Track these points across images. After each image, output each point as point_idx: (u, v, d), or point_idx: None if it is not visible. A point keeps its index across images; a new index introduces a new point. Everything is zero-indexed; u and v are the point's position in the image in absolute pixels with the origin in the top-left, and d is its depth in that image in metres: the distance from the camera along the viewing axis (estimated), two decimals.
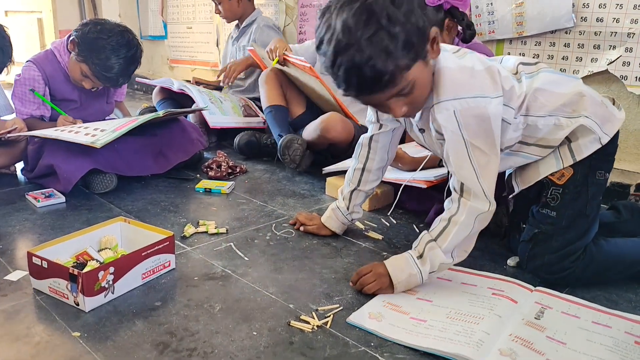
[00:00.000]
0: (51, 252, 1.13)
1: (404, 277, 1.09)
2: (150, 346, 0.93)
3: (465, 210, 1.05)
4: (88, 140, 1.58)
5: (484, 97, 1.03)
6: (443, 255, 1.07)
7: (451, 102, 1.01)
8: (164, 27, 3.84)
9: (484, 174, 1.04)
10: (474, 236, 1.10)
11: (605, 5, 1.73)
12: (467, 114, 1.01)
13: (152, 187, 1.79)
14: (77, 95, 1.97)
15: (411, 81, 0.96)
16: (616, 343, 0.94)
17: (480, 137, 1.03)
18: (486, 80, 1.05)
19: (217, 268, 1.23)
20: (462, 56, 1.07)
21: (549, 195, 1.16)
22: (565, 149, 1.14)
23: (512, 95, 1.10)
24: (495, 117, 1.04)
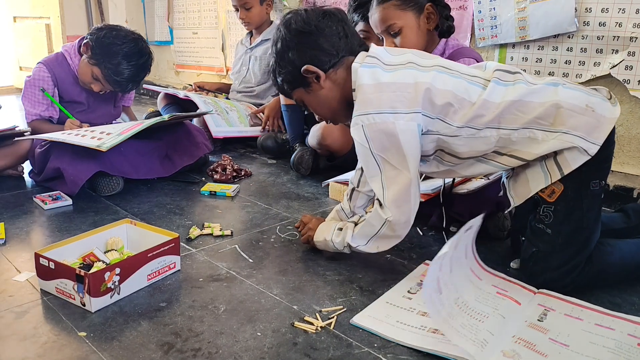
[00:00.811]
0: (58, 253, 1.14)
1: (321, 238, 1.27)
2: (156, 346, 0.94)
3: (373, 212, 1.16)
4: (94, 144, 1.60)
5: (393, 113, 1.07)
6: (350, 237, 1.21)
7: (359, 117, 1.10)
8: (170, 33, 3.87)
9: (390, 186, 1.11)
10: (387, 239, 1.17)
11: (608, 10, 1.74)
12: (374, 129, 1.08)
13: (157, 190, 1.81)
14: (84, 97, 1.99)
15: (298, 100, 1.25)
16: (619, 345, 0.94)
17: (389, 151, 1.09)
18: (401, 95, 1.08)
19: (222, 270, 1.24)
20: (391, 70, 1.11)
21: (542, 212, 1.13)
22: (552, 163, 1.09)
23: (460, 108, 1.09)
24: (405, 132, 1.07)
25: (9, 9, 4.24)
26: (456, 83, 1.11)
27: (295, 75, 1.19)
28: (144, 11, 4.04)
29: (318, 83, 1.19)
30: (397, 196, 1.11)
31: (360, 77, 1.11)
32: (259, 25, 2.59)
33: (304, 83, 1.20)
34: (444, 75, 1.11)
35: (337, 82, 1.19)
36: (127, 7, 4.23)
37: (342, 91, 1.20)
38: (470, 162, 1.17)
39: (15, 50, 4.23)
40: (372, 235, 1.17)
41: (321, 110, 1.26)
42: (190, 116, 2.09)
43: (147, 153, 1.84)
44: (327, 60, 1.17)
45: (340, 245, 1.23)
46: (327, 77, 1.19)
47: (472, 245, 1.11)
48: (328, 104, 1.22)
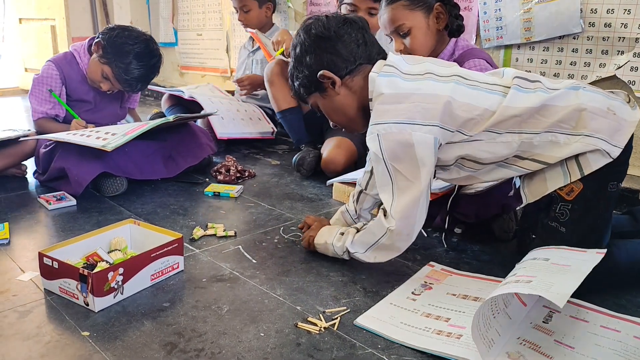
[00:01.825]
0: (62, 253, 1.14)
1: (322, 242, 1.27)
2: (159, 346, 0.94)
3: (376, 220, 1.15)
4: (99, 144, 1.60)
5: (410, 124, 1.06)
6: (350, 242, 1.20)
7: (375, 126, 1.09)
8: (174, 34, 3.88)
9: (399, 197, 1.10)
10: (386, 250, 1.15)
11: (614, 11, 1.73)
12: (390, 138, 1.07)
13: (161, 190, 1.81)
14: (92, 96, 2.01)
15: (313, 105, 1.27)
16: (625, 347, 0.94)
17: (403, 162, 1.08)
18: (420, 106, 1.07)
19: (225, 270, 1.24)
20: (410, 80, 1.10)
21: (558, 210, 1.12)
22: (572, 163, 1.08)
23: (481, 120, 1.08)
24: (421, 144, 1.06)
25: (15, 10, 4.26)
26: (475, 95, 1.09)
27: (311, 80, 1.20)
28: (148, 13, 4.06)
29: (333, 89, 1.19)
30: (405, 207, 1.09)
31: (378, 86, 1.10)
32: (259, 28, 2.59)
33: (320, 88, 1.21)
34: (462, 87, 1.10)
35: (353, 89, 1.19)
36: (132, 8, 4.25)
37: (358, 99, 1.20)
38: (491, 167, 1.15)
39: (21, 52, 4.26)
40: (372, 244, 1.16)
41: (336, 117, 1.26)
42: (194, 117, 2.09)
43: (151, 154, 1.85)
44: (343, 66, 1.17)
45: (340, 250, 1.23)
46: (343, 83, 1.19)
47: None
48: (343, 110, 1.23)
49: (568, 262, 0.99)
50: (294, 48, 1.22)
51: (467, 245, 1.40)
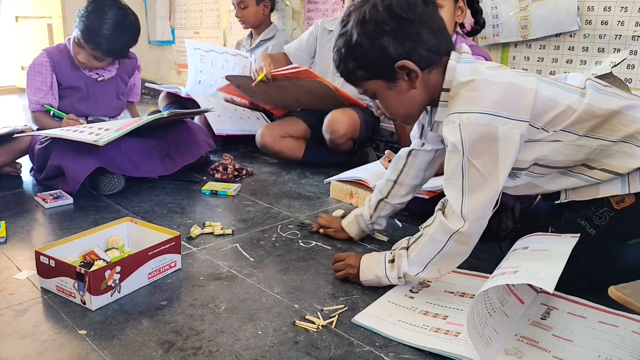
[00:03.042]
0: (59, 251, 1.14)
1: (370, 277, 1.13)
2: (156, 345, 0.94)
3: (437, 224, 1.04)
4: (91, 139, 1.60)
5: (497, 116, 0.97)
6: (407, 265, 1.07)
7: (458, 115, 0.99)
8: (171, 32, 3.87)
9: (471, 195, 1.00)
10: (453, 257, 1.05)
11: (610, 8, 1.73)
12: (473, 130, 0.97)
13: (158, 189, 1.80)
14: (83, 82, 2.00)
15: (369, 90, 1.10)
16: (623, 341, 0.94)
17: (481, 157, 0.98)
18: (510, 97, 0.98)
19: (223, 268, 1.24)
20: (492, 68, 1.04)
21: (598, 213, 1.07)
22: (635, 175, 1.03)
23: (564, 117, 1.02)
24: (506, 139, 0.97)
25: (12, 8, 4.24)
26: (556, 91, 1.03)
27: (382, 66, 1.03)
28: (145, 11, 4.05)
29: (409, 82, 1.05)
30: (478, 207, 1.00)
31: (461, 73, 1.01)
32: (257, 26, 2.59)
33: (390, 77, 1.05)
34: (543, 83, 1.03)
35: (428, 83, 1.06)
36: (129, 6, 4.23)
37: (429, 94, 1.07)
38: (557, 174, 1.09)
39: (18, 50, 4.24)
40: (435, 254, 1.04)
41: (397, 109, 1.11)
42: (190, 113, 2.07)
43: (147, 151, 1.84)
44: (426, 57, 1.02)
45: (395, 279, 1.10)
46: (422, 77, 1.04)
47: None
48: (410, 105, 1.09)
49: (547, 247, 0.98)
50: (362, 20, 1.02)
51: None
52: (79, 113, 2.01)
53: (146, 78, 4.11)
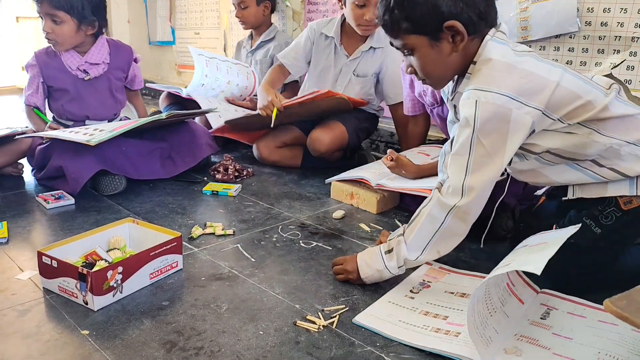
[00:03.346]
0: (61, 252, 1.14)
1: (370, 272, 1.13)
2: (158, 345, 0.95)
3: (434, 201, 1.05)
4: (84, 139, 1.60)
5: (514, 99, 0.98)
6: (406, 250, 1.08)
7: (478, 91, 1.00)
8: (172, 33, 3.88)
9: (475, 172, 1.01)
10: (451, 236, 1.06)
11: (610, 10, 1.74)
12: (488, 108, 0.98)
13: (160, 189, 1.81)
14: (71, 83, 1.96)
15: (408, 45, 1.07)
16: (623, 338, 0.94)
17: (491, 136, 0.99)
18: (529, 84, 0.99)
19: (224, 269, 1.24)
20: (519, 55, 1.03)
21: (605, 212, 1.08)
22: None
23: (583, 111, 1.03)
24: (517, 123, 0.99)
25: (12, 9, 4.25)
26: (581, 84, 1.03)
27: (430, 22, 1.02)
28: (146, 11, 4.05)
29: (453, 44, 1.04)
30: (479, 184, 1.01)
31: (489, 50, 1.02)
32: (257, 27, 2.58)
33: (435, 35, 1.04)
34: (569, 74, 1.04)
35: (468, 51, 1.05)
36: (130, 7, 4.24)
37: (464, 62, 1.07)
38: (564, 168, 1.10)
39: (18, 50, 4.24)
40: (434, 233, 1.05)
41: (432, 70, 1.09)
42: (190, 114, 2.06)
43: (148, 153, 1.84)
44: (475, 22, 1.02)
45: (395, 269, 1.10)
46: (466, 42, 1.04)
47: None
48: (446, 68, 1.08)
49: (544, 240, 0.99)
50: None
51: (464, 243, 1.40)
52: (71, 115, 1.99)
53: (147, 78, 4.11)
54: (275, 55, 2.25)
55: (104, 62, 1.99)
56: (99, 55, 1.97)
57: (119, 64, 2.05)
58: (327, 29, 2.09)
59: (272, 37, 2.56)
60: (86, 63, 1.94)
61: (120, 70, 2.06)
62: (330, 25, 2.09)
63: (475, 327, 0.89)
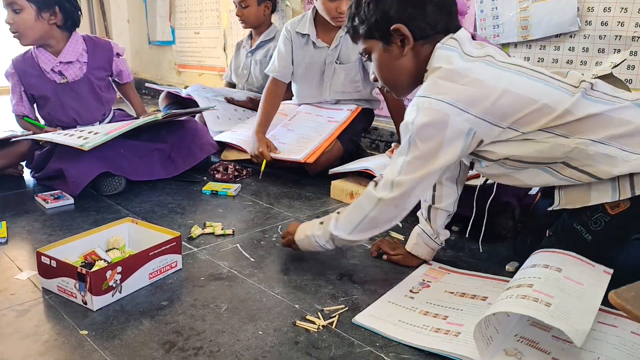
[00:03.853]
0: (60, 251, 1.14)
1: (302, 236, 1.23)
2: (157, 345, 0.94)
3: (366, 192, 1.11)
4: (78, 143, 1.59)
5: (454, 107, 0.99)
6: (334, 227, 1.15)
7: (421, 98, 1.03)
8: (172, 33, 3.87)
9: (406, 173, 1.05)
10: (376, 224, 1.11)
11: (610, 9, 1.74)
12: (427, 114, 1.01)
13: (159, 189, 1.81)
14: (50, 89, 1.92)
15: (367, 49, 1.14)
16: (622, 342, 0.94)
17: (426, 141, 1.02)
18: (469, 91, 1.00)
19: (224, 269, 1.24)
20: (468, 60, 1.04)
21: (593, 218, 1.06)
22: (625, 180, 1.02)
23: (539, 116, 1.01)
24: (455, 131, 1.00)
25: None
26: (538, 87, 1.02)
27: (381, 27, 1.08)
28: (145, 11, 4.05)
29: (401, 47, 1.09)
30: (409, 182, 1.05)
31: (437, 58, 1.05)
32: (257, 26, 2.58)
33: (385, 39, 1.10)
34: (523, 78, 1.02)
35: (419, 56, 1.09)
36: (129, 6, 4.24)
37: (417, 67, 1.10)
38: (534, 171, 1.09)
39: (18, 51, 4.23)
40: (360, 220, 1.11)
41: (386, 74, 1.15)
42: (187, 113, 2.04)
43: (148, 154, 1.84)
44: (423, 28, 1.06)
45: (322, 239, 1.17)
46: (414, 46, 1.08)
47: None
48: (398, 72, 1.13)
49: (581, 280, 0.97)
50: None
51: (464, 243, 1.40)
52: (59, 122, 1.96)
53: (146, 78, 4.12)
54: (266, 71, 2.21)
55: (79, 61, 1.93)
56: (73, 53, 1.91)
57: (99, 62, 1.99)
58: (301, 27, 2.07)
59: (272, 37, 2.56)
60: (60, 63, 1.90)
61: (101, 69, 2.00)
62: (303, 22, 2.07)
63: (479, 329, 0.89)
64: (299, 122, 2.10)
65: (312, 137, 1.97)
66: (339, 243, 1.18)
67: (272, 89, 2.08)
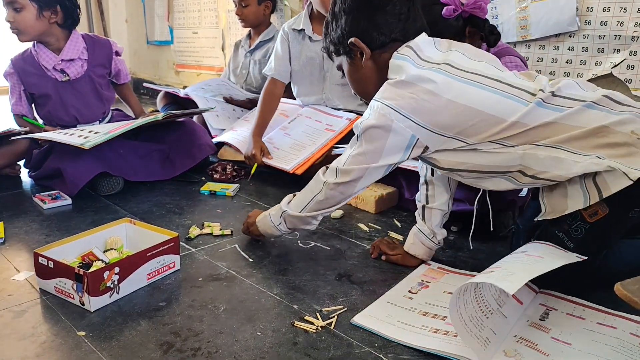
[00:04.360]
0: (57, 252, 1.14)
1: (261, 217, 1.31)
2: (155, 346, 0.94)
3: (315, 177, 1.19)
4: (78, 142, 1.59)
5: (398, 112, 1.03)
6: (285, 204, 1.25)
7: (374, 101, 1.08)
8: (170, 32, 3.87)
9: (350, 164, 1.11)
10: (322, 204, 1.18)
11: (609, 9, 1.74)
12: (375, 116, 1.06)
13: (157, 189, 1.80)
14: (51, 88, 1.92)
15: (339, 65, 1.21)
16: (621, 344, 0.94)
17: (371, 142, 1.07)
18: (415, 101, 1.02)
19: (222, 269, 1.24)
20: (421, 67, 1.05)
21: (573, 226, 1.06)
22: (590, 183, 1.00)
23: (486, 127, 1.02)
24: (397, 135, 1.05)
25: None
26: (487, 97, 1.03)
27: (342, 42, 1.15)
28: (144, 11, 4.04)
29: (361, 59, 1.14)
30: (350, 174, 1.11)
31: (391, 68, 1.08)
32: (256, 26, 2.57)
33: (348, 53, 1.16)
34: (474, 88, 1.03)
35: (379, 64, 1.13)
36: (127, 6, 4.23)
37: (379, 74, 1.13)
38: (497, 180, 1.10)
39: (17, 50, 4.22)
40: (309, 200, 1.19)
41: (355, 86, 1.22)
42: (187, 114, 2.05)
43: (147, 155, 1.84)
44: (376, 38, 1.11)
45: (276, 218, 1.25)
46: (372, 56, 1.12)
47: None
48: (364, 82, 1.18)
49: (543, 255, 0.98)
50: (335, 3, 1.17)
51: (463, 243, 1.40)
52: (60, 121, 1.96)
53: (144, 78, 4.12)
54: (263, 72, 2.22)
55: (80, 59, 1.94)
56: (74, 51, 1.92)
57: (99, 59, 1.99)
58: (296, 24, 2.09)
59: (271, 37, 2.55)
60: (62, 61, 1.90)
61: (101, 66, 2.01)
62: (298, 20, 2.09)
63: (466, 329, 0.89)
64: (298, 126, 2.09)
65: (306, 146, 1.96)
66: (290, 223, 1.24)
67: (270, 89, 2.08)
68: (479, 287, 0.97)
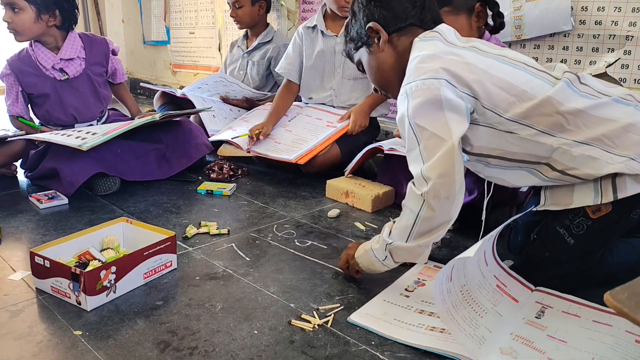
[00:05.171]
0: (54, 252, 1.14)
1: (361, 252, 1.13)
2: (152, 345, 0.94)
3: (408, 194, 1.04)
4: (76, 143, 1.59)
5: (439, 79, 0.99)
6: (387, 235, 1.06)
7: (405, 86, 1.03)
8: (166, 33, 3.86)
9: (429, 157, 0.99)
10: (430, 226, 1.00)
11: (604, 9, 1.74)
12: (417, 95, 0.99)
13: (154, 189, 1.80)
14: (50, 87, 1.92)
15: (359, 61, 1.20)
16: (617, 341, 0.94)
17: (428, 118, 0.99)
18: (452, 68, 1.00)
19: (219, 268, 1.24)
20: (451, 46, 1.06)
21: (575, 222, 1.07)
22: (607, 183, 1.01)
23: (518, 101, 1.01)
24: (451, 101, 0.98)
25: None
26: (517, 74, 1.03)
27: (360, 34, 1.16)
28: (140, 11, 4.04)
29: (378, 44, 1.13)
30: (436, 164, 0.97)
31: (417, 49, 1.07)
32: (252, 27, 2.56)
33: (367, 42, 1.15)
34: (504, 65, 1.04)
35: (397, 49, 1.12)
36: (124, 6, 4.22)
37: (399, 61, 1.12)
38: (520, 173, 1.09)
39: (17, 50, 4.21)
40: (412, 224, 1.01)
41: (375, 75, 1.18)
42: (184, 114, 2.04)
43: (143, 155, 1.84)
44: (393, 22, 1.11)
45: (380, 252, 1.07)
46: (389, 40, 1.12)
47: (494, 236, 1.06)
48: (383, 69, 1.15)
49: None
50: (353, 3, 1.19)
51: (459, 242, 1.40)
52: (58, 120, 1.95)
53: (141, 78, 4.11)
54: (275, 70, 2.25)
55: (79, 57, 1.94)
56: (73, 50, 1.92)
57: (97, 58, 2.00)
58: (310, 22, 2.15)
59: (269, 39, 2.54)
60: (61, 60, 1.90)
61: (98, 64, 2.01)
62: (312, 20, 2.15)
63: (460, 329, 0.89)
64: (298, 123, 2.10)
65: (308, 139, 1.97)
66: (397, 256, 1.06)
67: (286, 87, 2.17)
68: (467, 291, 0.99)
